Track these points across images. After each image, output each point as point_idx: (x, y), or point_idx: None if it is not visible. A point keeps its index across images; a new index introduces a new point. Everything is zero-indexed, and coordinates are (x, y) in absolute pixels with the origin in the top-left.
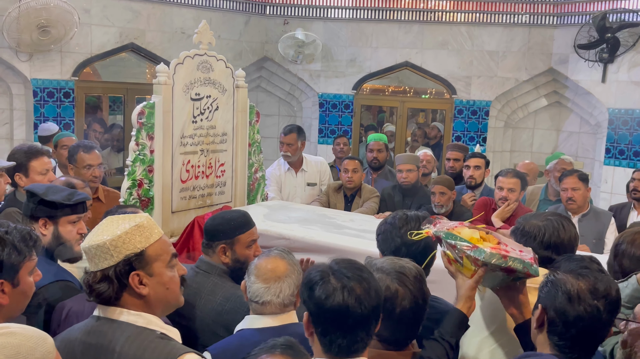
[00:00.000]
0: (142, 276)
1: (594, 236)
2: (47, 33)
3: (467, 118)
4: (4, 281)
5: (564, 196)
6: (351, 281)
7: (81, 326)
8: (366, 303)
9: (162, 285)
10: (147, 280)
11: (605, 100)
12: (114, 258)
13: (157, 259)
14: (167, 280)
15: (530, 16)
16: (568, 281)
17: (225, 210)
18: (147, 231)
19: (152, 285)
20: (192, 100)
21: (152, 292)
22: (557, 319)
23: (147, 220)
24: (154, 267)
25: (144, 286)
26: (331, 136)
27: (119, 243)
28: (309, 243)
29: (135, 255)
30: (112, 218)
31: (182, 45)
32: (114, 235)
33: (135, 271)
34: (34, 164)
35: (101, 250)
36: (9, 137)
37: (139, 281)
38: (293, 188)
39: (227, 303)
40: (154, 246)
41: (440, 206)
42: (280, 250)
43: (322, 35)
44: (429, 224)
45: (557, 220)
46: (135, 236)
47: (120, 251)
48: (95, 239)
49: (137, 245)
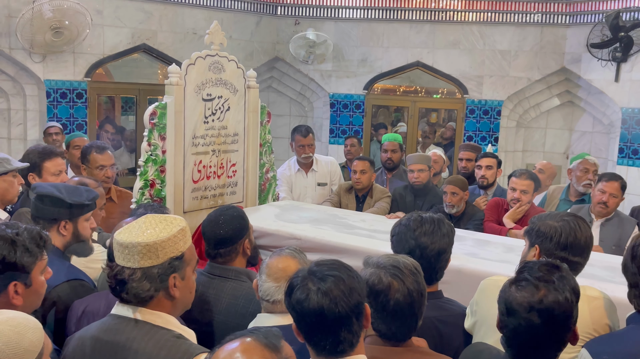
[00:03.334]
0: (177, 278)
1: (614, 242)
2: (60, 34)
3: (479, 118)
4: (17, 282)
5: (599, 197)
6: (326, 282)
7: (98, 324)
8: (343, 302)
9: (188, 288)
10: (179, 282)
11: (618, 99)
12: (159, 259)
13: (189, 263)
14: (192, 284)
15: (543, 15)
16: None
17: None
18: (187, 236)
19: (182, 288)
20: (203, 101)
21: (180, 295)
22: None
23: (186, 224)
24: (186, 271)
25: (176, 289)
26: (342, 136)
27: (167, 245)
28: (320, 243)
29: (177, 258)
30: (153, 218)
31: (193, 45)
32: (163, 236)
33: (175, 273)
34: (47, 165)
35: (148, 249)
36: (22, 137)
37: (174, 284)
38: (304, 188)
39: (250, 305)
40: (189, 250)
41: (452, 206)
42: (292, 249)
43: (333, 35)
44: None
45: (573, 221)
46: (180, 239)
47: (166, 252)
48: (141, 237)
49: (179, 248)
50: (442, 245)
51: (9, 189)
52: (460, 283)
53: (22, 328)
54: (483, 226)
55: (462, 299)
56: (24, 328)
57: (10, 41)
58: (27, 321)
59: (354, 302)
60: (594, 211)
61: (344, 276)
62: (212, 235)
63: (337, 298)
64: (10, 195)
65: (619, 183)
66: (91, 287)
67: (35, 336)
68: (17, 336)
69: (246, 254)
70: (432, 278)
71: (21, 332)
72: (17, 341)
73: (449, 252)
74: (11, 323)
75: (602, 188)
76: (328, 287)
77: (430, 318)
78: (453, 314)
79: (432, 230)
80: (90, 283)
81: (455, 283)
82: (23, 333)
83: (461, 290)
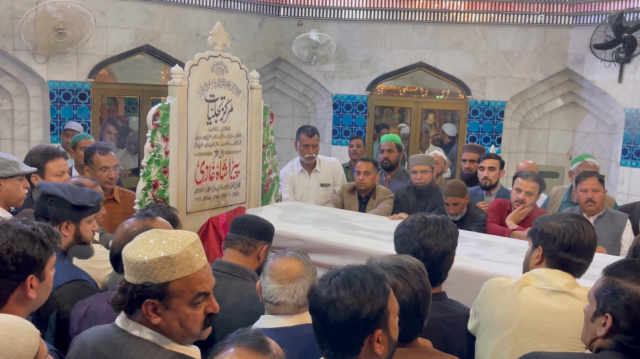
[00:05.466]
0: (158, 305)
1: (610, 238)
2: (63, 35)
3: (482, 119)
4: (33, 276)
5: (584, 197)
6: (355, 285)
7: (100, 333)
8: (370, 305)
9: (178, 321)
10: (161, 311)
11: (621, 100)
12: (136, 279)
13: (179, 295)
14: (184, 317)
15: (546, 16)
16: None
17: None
18: (177, 266)
19: (167, 318)
20: (206, 102)
21: (165, 324)
22: (628, 326)
23: (180, 253)
24: (173, 302)
25: (156, 316)
26: (345, 137)
27: (142, 268)
28: (323, 244)
29: (155, 285)
30: (155, 236)
31: (196, 46)
32: (140, 259)
33: (152, 299)
34: (50, 165)
35: (128, 265)
36: (26, 138)
37: (151, 309)
38: (306, 189)
39: (255, 304)
40: (181, 282)
41: (455, 214)
42: (295, 251)
43: (336, 36)
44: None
45: (576, 222)
46: (160, 267)
47: (141, 275)
48: (129, 252)
49: (159, 277)
50: (446, 246)
51: (15, 192)
52: (464, 284)
53: (15, 332)
54: (486, 227)
55: (465, 301)
56: (17, 333)
57: (14, 42)
58: (21, 325)
59: (380, 305)
60: (585, 212)
61: (370, 278)
62: (247, 221)
63: (365, 300)
64: (15, 198)
65: (596, 177)
66: (94, 288)
67: (29, 340)
68: (10, 341)
69: (259, 259)
70: (436, 280)
71: (14, 337)
72: (10, 345)
73: (453, 253)
74: (4, 328)
75: (582, 187)
76: (357, 290)
77: (434, 319)
78: (457, 316)
79: (436, 232)
80: (93, 284)
81: (459, 284)
82: (17, 337)
83: (464, 291)
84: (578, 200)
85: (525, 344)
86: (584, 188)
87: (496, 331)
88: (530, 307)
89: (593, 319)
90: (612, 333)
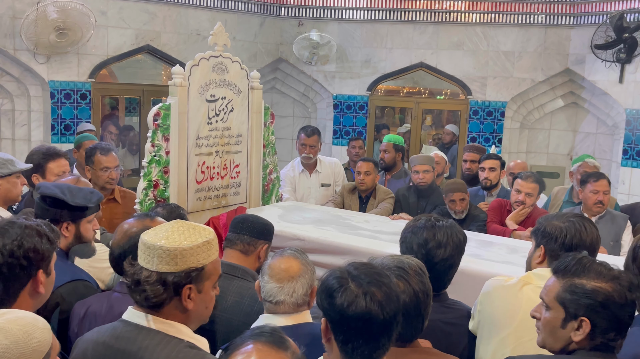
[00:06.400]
0: (193, 290)
1: (611, 239)
2: (64, 35)
3: (483, 119)
4: (41, 270)
5: (594, 198)
6: (371, 286)
7: (109, 329)
8: (388, 308)
9: (204, 303)
10: (194, 294)
11: (622, 100)
12: (177, 266)
13: (209, 278)
14: (209, 298)
15: (547, 16)
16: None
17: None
18: (212, 249)
19: (197, 301)
20: (207, 102)
21: (194, 308)
22: (606, 324)
23: (214, 237)
24: (204, 284)
25: (190, 301)
26: (345, 137)
27: (188, 254)
28: (324, 244)
29: (196, 269)
30: (183, 225)
31: (197, 46)
32: (185, 245)
33: (190, 284)
34: (51, 165)
35: (168, 254)
36: (26, 138)
37: (188, 295)
38: (307, 189)
39: (255, 304)
40: (212, 264)
41: (461, 211)
42: (294, 250)
43: (337, 36)
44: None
45: (579, 222)
46: (203, 251)
47: (185, 261)
48: (163, 241)
49: (201, 260)
50: (454, 260)
51: (12, 190)
52: (464, 284)
53: (30, 327)
54: (486, 227)
55: (465, 301)
56: (32, 328)
57: (15, 42)
58: (35, 320)
59: (396, 308)
60: (589, 212)
61: (387, 281)
62: (247, 221)
63: (384, 303)
64: (13, 195)
65: (607, 180)
66: (94, 287)
67: (43, 335)
68: (25, 336)
69: (259, 259)
70: (439, 287)
71: (29, 331)
72: (25, 340)
73: (457, 264)
74: (20, 323)
75: (594, 189)
76: (374, 291)
77: (435, 320)
78: (458, 316)
79: (445, 242)
80: (94, 284)
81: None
82: (31, 332)
83: (465, 291)
84: (584, 200)
85: (526, 342)
86: (595, 190)
87: (497, 329)
88: (532, 306)
89: (564, 326)
90: (591, 335)
